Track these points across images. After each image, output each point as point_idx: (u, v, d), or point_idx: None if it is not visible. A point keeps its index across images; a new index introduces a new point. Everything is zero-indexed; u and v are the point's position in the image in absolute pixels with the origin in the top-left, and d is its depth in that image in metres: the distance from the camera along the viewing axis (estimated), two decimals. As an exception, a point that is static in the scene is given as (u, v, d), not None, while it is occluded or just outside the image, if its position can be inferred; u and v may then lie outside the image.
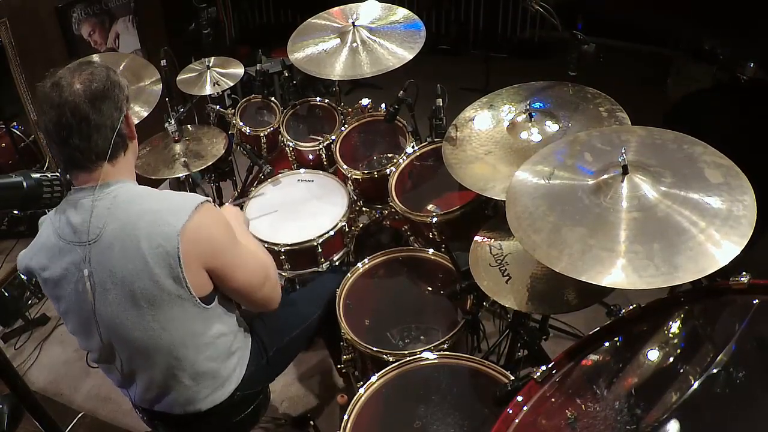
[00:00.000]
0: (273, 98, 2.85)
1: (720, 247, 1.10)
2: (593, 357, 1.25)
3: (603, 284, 1.14)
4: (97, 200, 1.33)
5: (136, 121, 1.51)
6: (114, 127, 1.33)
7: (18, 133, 3.42)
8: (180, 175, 2.55)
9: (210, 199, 1.41)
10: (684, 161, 1.30)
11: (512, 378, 1.43)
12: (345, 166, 2.44)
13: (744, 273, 1.15)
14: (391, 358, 1.71)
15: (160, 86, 2.48)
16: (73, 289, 1.40)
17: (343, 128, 2.60)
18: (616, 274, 1.13)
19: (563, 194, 1.36)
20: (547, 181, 1.42)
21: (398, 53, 2.27)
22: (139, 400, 1.59)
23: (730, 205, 1.16)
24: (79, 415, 2.47)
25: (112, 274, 1.34)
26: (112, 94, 1.33)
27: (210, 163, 2.60)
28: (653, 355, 1.20)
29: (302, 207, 2.46)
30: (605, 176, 1.32)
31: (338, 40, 2.40)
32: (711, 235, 1.12)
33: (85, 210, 1.34)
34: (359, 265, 2.07)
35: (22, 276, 3.11)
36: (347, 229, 2.40)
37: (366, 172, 2.39)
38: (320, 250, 2.27)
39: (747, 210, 1.14)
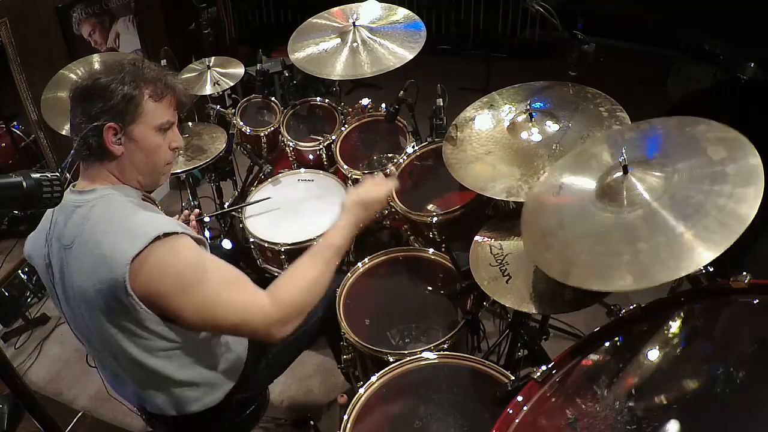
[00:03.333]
0: (273, 98, 2.86)
1: (720, 246, 1.09)
2: (593, 357, 1.25)
3: (613, 290, 1.13)
4: (78, 206, 1.30)
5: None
6: (85, 128, 1.26)
7: (18, 132, 3.42)
8: (180, 170, 2.56)
9: (177, 230, 1.27)
10: (686, 153, 1.30)
11: (512, 378, 1.43)
12: (345, 166, 2.44)
13: (744, 273, 1.15)
14: (391, 358, 1.71)
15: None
16: (50, 284, 1.39)
17: (343, 128, 2.60)
18: (625, 277, 1.13)
19: (571, 205, 1.37)
20: (556, 196, 1.42)
21: (398, 53, 2.27)
22: (129, 400, 1.58)
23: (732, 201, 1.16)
24: (79, 414, 2.47)
25: (73, 285, 1.30)
26: (104, 96, 1.27)
27: (211, 158, 2.61)
28: (653, 355, 1.20)
29: (302, 207, 2.47)
30: (608, 179, 1.32)
31: (339, 40, 2.40)
32: (711, 230, 1.12)
33: (67, 213, 1.31)
34: (359, 264, 2.07)
35: (22, 275, 3.15)
36: (347, 229, 2.40)
37: (366, 172, 2.39)
38: (320, 249, 2.27)
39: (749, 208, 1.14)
